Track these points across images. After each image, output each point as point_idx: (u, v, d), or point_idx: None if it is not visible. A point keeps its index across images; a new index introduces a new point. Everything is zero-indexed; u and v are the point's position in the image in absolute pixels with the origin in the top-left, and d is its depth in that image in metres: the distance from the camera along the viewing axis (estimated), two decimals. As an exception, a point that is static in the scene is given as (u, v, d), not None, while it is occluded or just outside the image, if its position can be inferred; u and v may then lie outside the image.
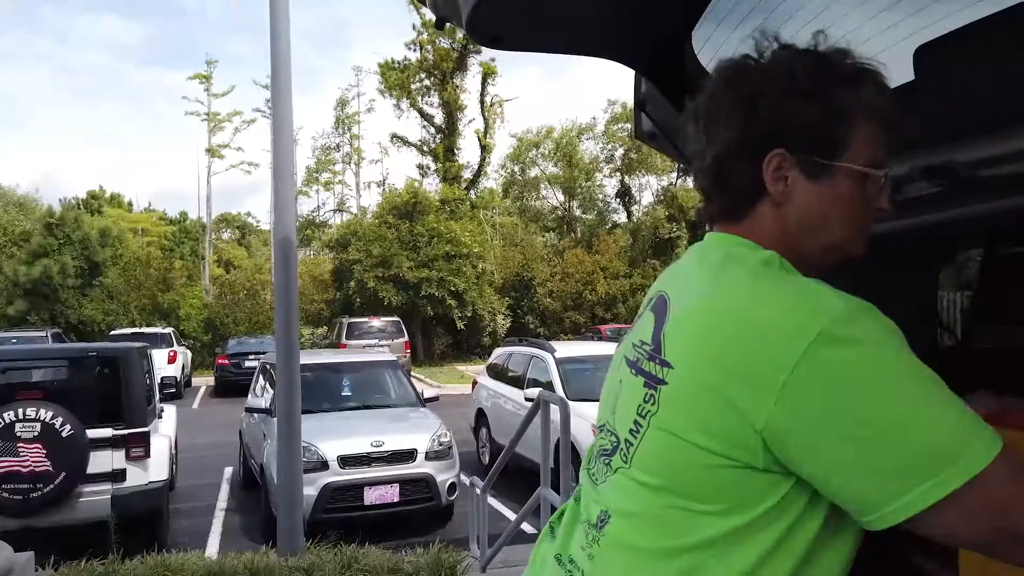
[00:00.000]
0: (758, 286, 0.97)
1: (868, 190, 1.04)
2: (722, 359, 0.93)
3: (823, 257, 1.06)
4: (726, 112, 1.05)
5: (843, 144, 1.02)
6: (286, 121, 5.66)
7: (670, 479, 0.97)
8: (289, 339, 5.67)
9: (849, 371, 0.87)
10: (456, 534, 7.49)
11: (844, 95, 1.01)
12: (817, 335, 0.87)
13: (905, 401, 0.87)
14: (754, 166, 1.03)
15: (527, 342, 10.62)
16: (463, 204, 28.64)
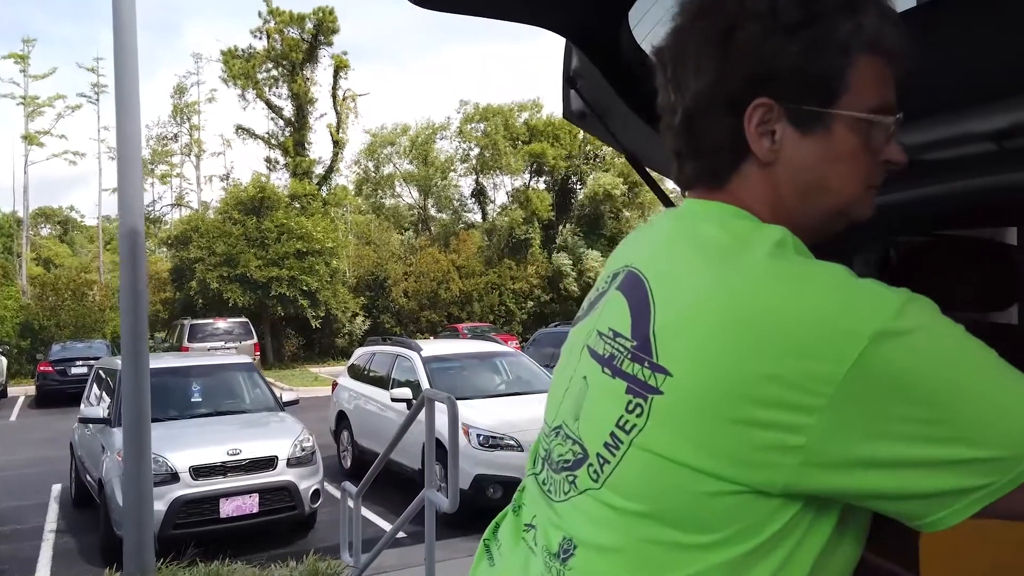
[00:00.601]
0: (783, 276, 0.77)
1: (874, 140, 0.85)
2: (748, 368, 0.74)
3: (826, 224, 0.88)
4: (696, 54, 0.85)
5: (841, 87, 0.82)
6: (132, 102, 5.16)
7: (657, 506, 0.79)
8: (137, 342, 5.17)
9: (914, 362, 0.73)
10: (321, 543, 7.17)
11: (841, 25, 0.82)
12: (874, 334, 0.72)
13: (977, 380, 0.74)
14: (734, 120, 0.83)
15: (391, 341, 10.35)
16: (315, 200, 27.70)
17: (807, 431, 0.73)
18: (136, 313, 5.18)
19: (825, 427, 0.73)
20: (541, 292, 31.24)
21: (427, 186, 35.17)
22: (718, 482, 0.76)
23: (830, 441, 0.73)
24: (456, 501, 3.59)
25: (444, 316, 29.22)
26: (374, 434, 9.08)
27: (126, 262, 5.14)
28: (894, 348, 0.72)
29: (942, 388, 0.73)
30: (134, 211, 5.17)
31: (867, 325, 0.72)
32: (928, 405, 0.72)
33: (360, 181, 36.97)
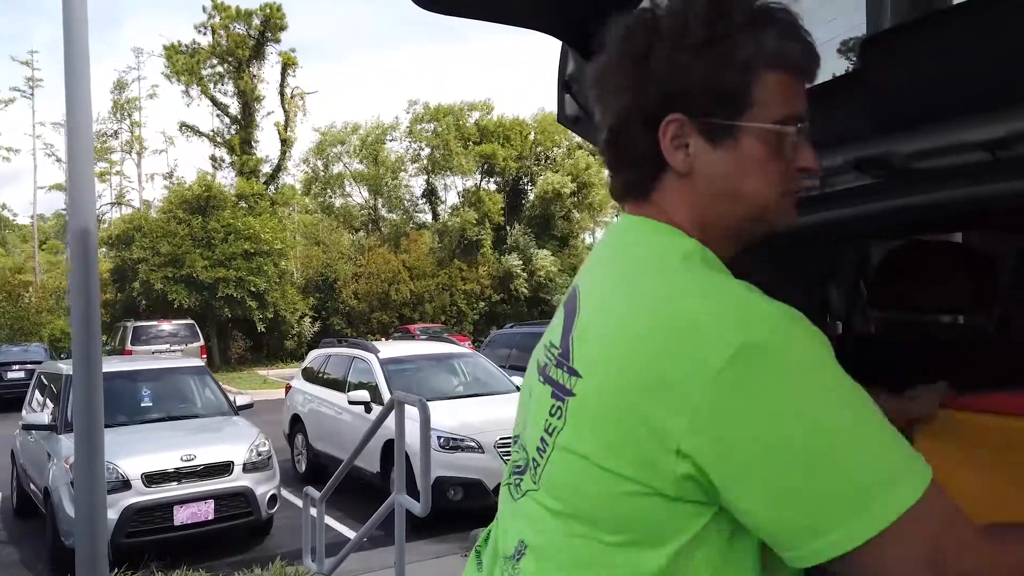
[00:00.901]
0: (675, 286, 0.83)
1: (784, 149, 0.89)
2: (635, 368, 0.79)
3: (745, 230, 0.92)
4: (616, 75, 0.91)
5: (746, 100, 0.87)
6: (83, 98, 4.97)
7: (575, 505, 0.84)
8: (89, 345, 4.98)
9: (776, 388, 0.74)
10: (278, 549, 7.05)
11: (743, 43, 0.86)
12: (740, 346, 0.74)
13: (837, 423, 0.75)
14: (651, 135, 0.89)
15: (347, 343, 10.23)
16: (262, 200, 27.19)
17: (681, 433, 0.76)
18: (88, 316, 5.00)
19: (696, 432, 0.75)
20: (492, 293, 31.25)
21: (377, 186, 34.86)
22: (627, 482, 0.79)
23: (700, 446, 0.76)
24: (428, 505, 3.57)
25: (395, 317, 29.00)
26: (330, 437, 8.96)
27: (78, 263, 4.96)
28: (764, 366, 0.75)
29: (804, 422, 0.74)
30: (86, 211, 4.99)
31: (737, 334, 0.75)
32: (788, 434, 0.74)
33: (309, 180, 36.46)
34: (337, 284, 28.82)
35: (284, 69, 30.55)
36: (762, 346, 0.75)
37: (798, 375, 0.75)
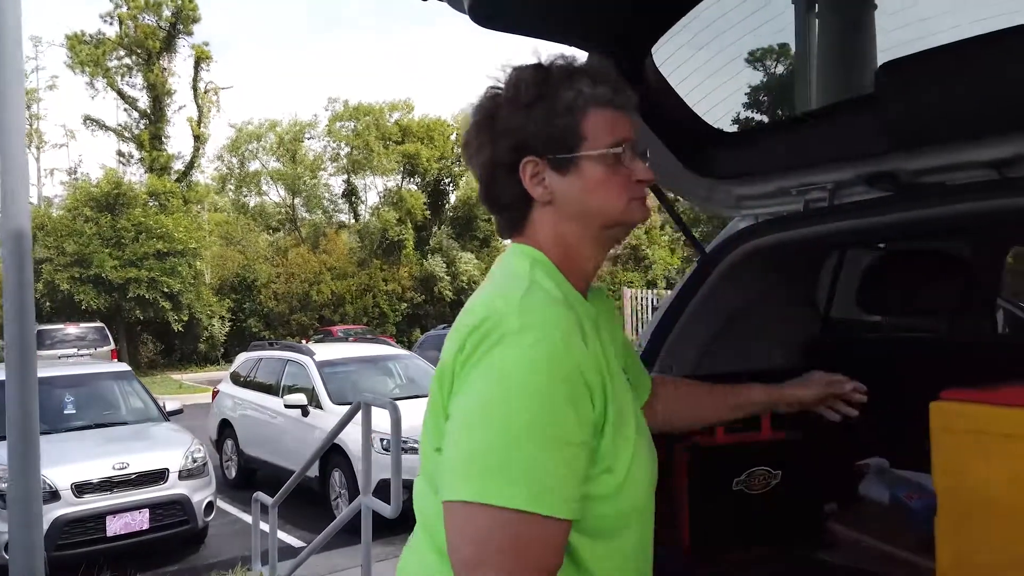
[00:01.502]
0: (488, 296, 1.06)
1: (619, 167, 1.11)
2: (445, 359, 1.05)
3: (606, 233, 1.14)
4: (476, 138, 1.15)
5: (578, 136, 1.09)
6: (15, 92, 4.77)
7: (432, 480, 1.07)
8: (24, 353, 4.78)
9: (502, 375, 0.95)
10: (214, 557, 6.88)
11: (564, 95, 1.09)
12: (470, 332, 0.99)
13: (517, 420, 0.93)
14: (514, 178, 1.11)
15: (279, 345, 10.03)
16: (174, 198, 26.20)
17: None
18: (22, 322, 4.79)
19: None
20: (415, 294, 31.05)
21: (295, 185, 34.09)
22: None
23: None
24: (399, 507, 3.58)
25: (316, 319, 28.46)
26: (264, 442, 8.78)
27: (10, 267, 4.75)
28: (490, 356, 0.97)
29: (485, 409, 0.96)
30: (20, 212, 4.77)
31: (494, 330, 0.97)
32: (473, 411, 0.97)
33: (223, 178, 35.33)
34: (255, 285, 28.06)
35: (197, 63, 29.53)
36: (490, 337, 0.98)
37: (520, 378, 0.95)
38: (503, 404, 0.93)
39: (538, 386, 0.94)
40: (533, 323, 0.97)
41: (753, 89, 3.34)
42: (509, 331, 0.96)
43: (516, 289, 1.03)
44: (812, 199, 1.74)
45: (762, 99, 9.45)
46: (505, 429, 0.92)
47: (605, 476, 1.01)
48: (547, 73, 1.11)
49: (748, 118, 4.68)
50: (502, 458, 0.92)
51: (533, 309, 0.99)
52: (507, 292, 1.03)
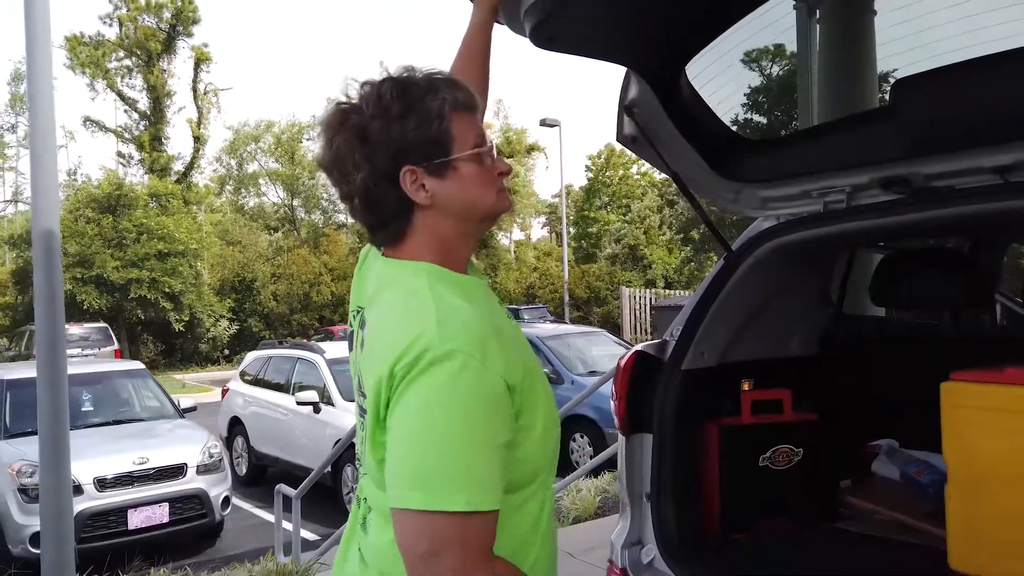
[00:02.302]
0: (400, 318, 1.16)
1: (485, 163, 1.23)
2: (377, 381, 1.11)
3: (483, 226, 1.28)
4: (349, 154, 1.19)
5: (449, 139, 1.19)
6: (45, 95, 4.91)
7: (381, 486, 1.16)
8: (54, 350, 4.92)
9: (433, 387, 1.07)
10: (231, 550, 7.04)
11: (430, 103, 1.18)
12: (425, 351, 1.07)
13: (454, 426, 1.06)
14: (395, 188, 1.18)
15: (290, 344, 10.18)
16: (175, 198, 26.29)
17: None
18: (52, 319, 4.93)
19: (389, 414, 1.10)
20: (413, 293, 31.13)
21: (294, 185, 34.18)
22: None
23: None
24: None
25: (316, 319, 28.57)
26: (275, 439, 8.93)
27: (40, 266, 4.88)
28: (418, 375, 1.06)
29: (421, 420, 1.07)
30: (50, 211, 4.92)
31: (410, 356, 1.07)
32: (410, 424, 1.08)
33: (222, 179, 35.39)
34: (255, 285, 28.15)
35: (197, 64, 29.60)
36: (433, 358, 1.07)
37: (448, 387, 1.06)
38: (437, 422, 1.05)
39: (467, 405, 1.06)
40: (456, 347, 1.07)
41: (771, 96, 3.51)
42: (435, 359, 1.06)
43: (428, 313, 1.12)
44: (831, 201, 1.91)
45: (775, 104, 9.63)
46: (442, 444, 1.05)
47: (522, 433, 1.14)
48: (408, 84, 1.19)
49: (768, 124, 4.83)
50: (442, 470, 1.05)
51: (452, 332, 1.09)
52: (421, 318, 1.12)
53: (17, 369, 8.19)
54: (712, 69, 1.96)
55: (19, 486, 6.13)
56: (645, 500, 1.88)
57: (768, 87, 8.92)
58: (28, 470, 6.17)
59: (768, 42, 2.18)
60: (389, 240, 1.25)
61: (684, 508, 1.88)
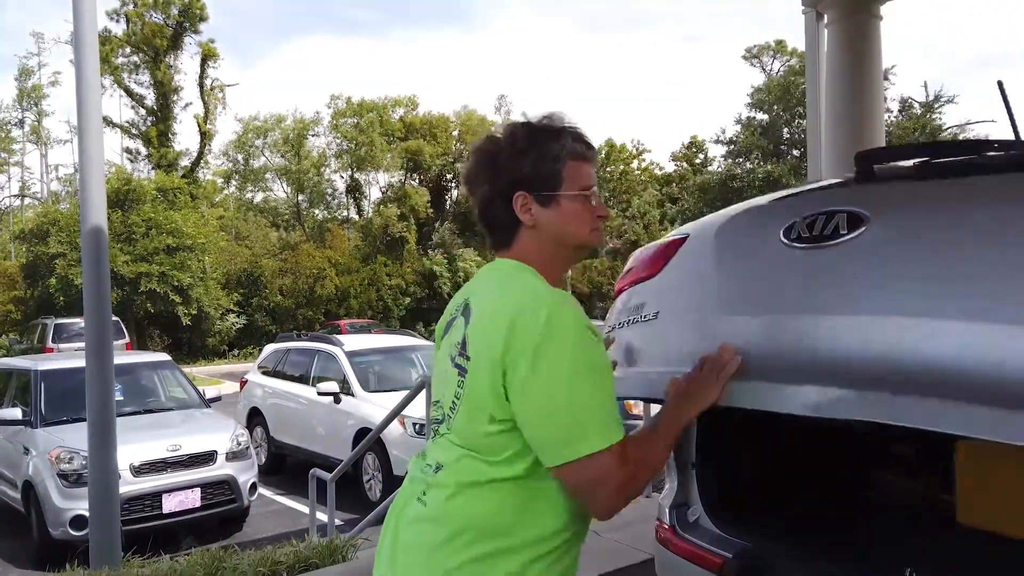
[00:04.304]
0: (508, 295, 1.41)
1: (587, 205, 1.50)
2: (492, 345, 1.34)
3: (575, 253, 1.56)
4: (479, 173, 1.52)
5: (559, 179, 1.48)
6: (93, 93, 5.17)
7: (471, 442, 1.39)
8: (101, 340, 5.20)
9: (554, 353, 1.31)
10: (258, 534, 7.28)
11: (552, 146, 1.48)
12: (539, 324, 1.32)
13: (579, 380, 1.32)
14: (508, 207, 1.48)
15: (308, 336, 10.44)
16: (181, 194, 26.53)
17: (506, 380, 1.34)
18: (100, 311, 5.20)
19: (510, 378, 1.33)
20: (417, 289, 31.44)
21: (300, 181, 34.41)
22: (500, 423, 1.35)
23: (512, 386, 1.34)
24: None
25: (321, 313, 28.83)
26: (296, 429, 9.19)
27: (89, 259, 5.15)
28: (539, 345, 1.31)
29: (564, 376, 1.32)
30: (97, 207, 5.17)
31: (528, 330, 1.32)
32: (555, 382, 1.32)
33: (228, 174, 35.60)
34: (262, 280, 28.40)
35: (204, 60, 29.83)
36: (548, 331, 1.31)
37: (566, 350, 1.31)
38: (581, 365, 1.32)
39: (585, 339, 1.34)
40: (561, 298, 1.37)
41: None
42: (554, 310, 1.33)
43: (532, 285, 1.41)
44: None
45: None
46: (590, 396, 1.33)
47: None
48: (538, 129, 1.51)
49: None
50: (600, 415, 1.33)
51: (553, 293, 1.38)
52: (529, 289, 1.40)
53: (50, 360, 8.45)
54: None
55: (59, 471, 6.39)
56: (691, 468, 2.13)
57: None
58: (67, 456, 6.43)
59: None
60: (499, 244, 1.53)
61: (726, 475, 2.13)
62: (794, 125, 32.76)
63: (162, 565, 4.43)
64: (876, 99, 6.79)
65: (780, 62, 37.19)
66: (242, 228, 31.72)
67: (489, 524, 1.35)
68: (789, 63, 35.08)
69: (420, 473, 1.47)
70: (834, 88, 6.83)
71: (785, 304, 1.65)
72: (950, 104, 29.68)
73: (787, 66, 35.03)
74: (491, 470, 1.36)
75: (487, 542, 1.34)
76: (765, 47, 37.81)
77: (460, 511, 1.37)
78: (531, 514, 1.36)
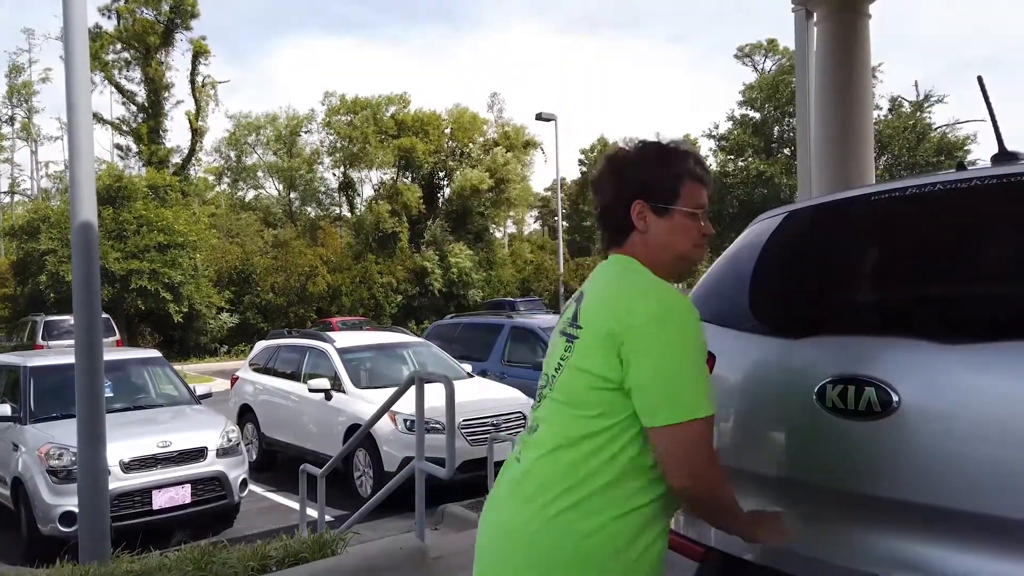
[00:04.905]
0: (628, 282, 1.61)
1: (696, 222, 1.67)
2: (607, 319, 1.55)
3: (675, 264, 1.69)
4: (608, 179, 1.72)
5: (677, 195, 1.65)
6: (82, 92, 5.15)
7: (569, 396, 1.58)
8: (91, 336, 5.19)
9: (668, 331, 1.50)
10: (247, 531, 7.28)
11: (675, 165, 1.66)
12: (656, 311, 1.51)
13: (686, 357, 1.50)
14: (625, 211, 1.67)
15: (299, 333, 10.43)
16: (172, 191, 26.42)
17: (626, 348, 1.52)
18: (90, 308, 5.20)
19: (630, 348, 1.51)
20: (409, 286, 31.40)
21: (292, 178, 34.30)
22: (599, 379, 1.53)
23: (629, 355, 1.51)
24: (453, 469, 4.01)
25: (313, 310, 28.77)
26: (288, 425, 9.19)
27: (79, 255, 5.14)
28: (665, 319, 1.51)
29: (673, 352, 1.51)
30: (87, 203, 5.16)
31: (655, 305, 1.52)
32: (665, 355, 1.50)
33: (220, 171, 35.47)
34: (253, 278, 28.31)
35: (195, 57, 29.69)
36: (664, 312, 1.51)
37: (678, 330, 1.51)
38: (691, 343, 1.52)
39: (694, 324, 1.53)
40: (670, 287, 1.58)
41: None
42: (667, 295, 1.54)
43: (647, 275, 1.62)
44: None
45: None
46: (690, 367, 1.51)
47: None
48: (666, 149, 1.69)
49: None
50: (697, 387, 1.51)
51: (665, 283, 1.60)
52: (645, 278, 1.61)
53: (39, 357, 8.42)
54: None
55: (48, 467, 6.38)
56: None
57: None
58: (56, 452, 6.42)
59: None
60: (612, 241, 1.71)
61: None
62: (784, 123, 32.87)
63: (151, 561, 4.44)
64: (865, 97, 6.83)
65: (772, 61, 37.35)
66: (234, 226, 31.57)
67: (577, 476, 1.51)
68: (781, 62, 35.20)
69: (521, 438, 1.68)
70: (823, 86, 6.87)
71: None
72: (940, 104, 29.82)
73: (779, 65, 35.14)
74: (583, 424, 1.54)
75: (573, 493, 1.50)
76: (757, 46, 37.96)
77: (550, 466, 1.55)
78: (617, 471, 1.50)
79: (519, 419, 8.04)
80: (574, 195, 43.54)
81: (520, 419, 8.05)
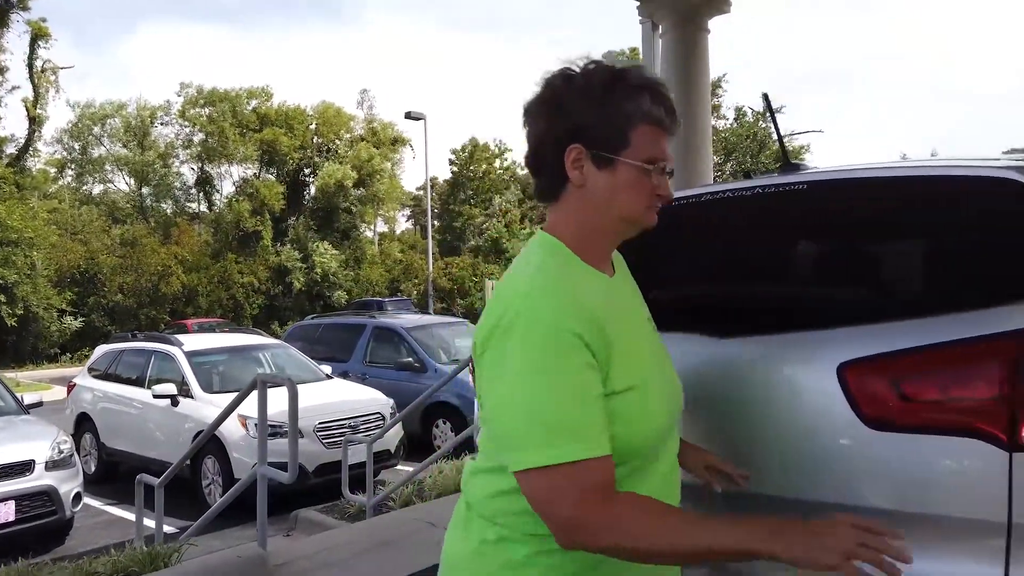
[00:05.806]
0: (511, 272, 1.30)
1: (649, 179, 1.26)
2: (479, 327, 1.24)
3: (618, 227, 1.31)
4: (540, 109, 1.29)
5: (625, 142, 1.24)
6: None
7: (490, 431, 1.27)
8: None
9: (509, 347, 1.16)
10: (81, 547, 6.82)
11: (627, 103, 1.24)
12: (502, 309, 1.19)
13: (532, 382, 1.14)
14: (559, 155, 1.26)
15: (145, 336, 9.86)
16: (7, 183, 24.33)
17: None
18: None
19: (480, 371, 1.23)
20: (271, 286, 30.40)
21: (144, 172, 32.37)
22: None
23: (480, 380, 1.26)
24: (295, 473, 3.92)
25: (167, 312, 27.29)
26: (128, 435, 8.68)
27: None
28: (506, 335, 1.17)
29: (516, 377, 1.16)
30: None
31: (493, 315, 1.20)
32: (508, 383, 1.18)
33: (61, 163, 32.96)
34: (99, 278, 26.51)
35: (34, 40, 27.45)
36: (509, 322, 1.16)
37: (521, 345, 1.15)
38: (535, 365, 1.15)
39: (551, 335, 1.15)
40: (538, 283, 1.20)
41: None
42: (524, 305, 1.16)
43: (526, 274, 1.24)
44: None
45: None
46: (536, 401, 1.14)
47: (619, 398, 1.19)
48: (618, 79, 1.25)
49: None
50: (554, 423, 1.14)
51: (537, 286, 1.19)
52: (521, 278, 1.24)
53: None
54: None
55: None
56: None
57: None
58: None
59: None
60: (544, 196, 1.33)
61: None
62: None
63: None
64: (703, 106, 7.24)
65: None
66: (76, 222, 29.44)
67: (487, 510, 1.27)
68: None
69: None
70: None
71: None
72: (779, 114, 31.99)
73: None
74: (485, 452, 1.31)
75: (490, 527, 1.25)
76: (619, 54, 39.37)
77: (468, 493, 1.33)
78: (524, 506, 1.18)
79: (378, 420, 7.95)
80: (445, 194, 43.52)
81: (379, 420, 7.95)
